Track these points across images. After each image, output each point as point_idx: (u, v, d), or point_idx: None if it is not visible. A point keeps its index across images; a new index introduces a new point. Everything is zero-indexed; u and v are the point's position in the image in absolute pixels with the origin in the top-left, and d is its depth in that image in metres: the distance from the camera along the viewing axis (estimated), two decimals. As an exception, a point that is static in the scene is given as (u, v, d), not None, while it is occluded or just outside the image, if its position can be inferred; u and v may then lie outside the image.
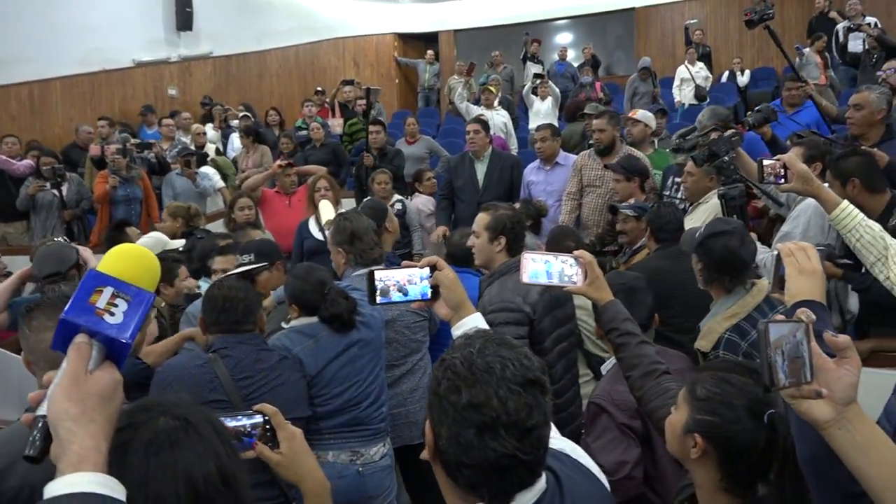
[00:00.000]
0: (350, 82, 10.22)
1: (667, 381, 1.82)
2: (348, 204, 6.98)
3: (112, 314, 0.94)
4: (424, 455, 1.17)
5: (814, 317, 1.11)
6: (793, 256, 1.30)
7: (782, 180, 2.50)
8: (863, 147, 3.70)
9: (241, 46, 13.10)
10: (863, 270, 2.86)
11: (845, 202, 2.42)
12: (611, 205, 4.31)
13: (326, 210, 4.72)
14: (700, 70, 10.32)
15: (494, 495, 1.09)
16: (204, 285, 3.51)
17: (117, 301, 0.95)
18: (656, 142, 5.91)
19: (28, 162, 7.24)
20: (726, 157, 3.37)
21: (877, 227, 2.39)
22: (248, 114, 10.03)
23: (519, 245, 2.86)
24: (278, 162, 6.13)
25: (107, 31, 10.86)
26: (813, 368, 1.06)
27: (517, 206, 4.58)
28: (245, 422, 1.40)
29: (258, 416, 1.41)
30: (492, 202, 3.08)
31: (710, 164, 3.45)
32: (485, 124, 5.74)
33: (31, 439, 0.90)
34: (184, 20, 11.95)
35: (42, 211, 7.00)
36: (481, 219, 2.92)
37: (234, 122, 10.10)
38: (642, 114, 5.61)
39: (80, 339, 0.93)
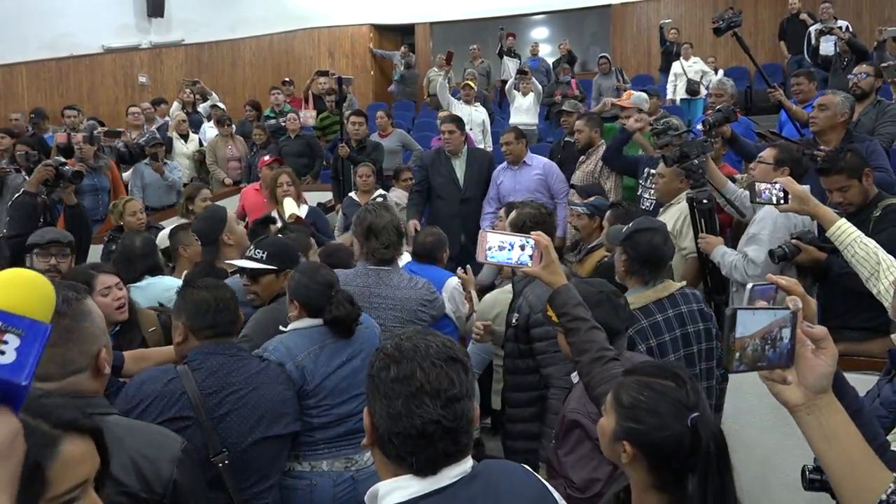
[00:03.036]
0: (325, 73, 10.09)
1: (614, 368, 1.86)
2: (320, 197, 6.96)
3: (2, 353, 0.79)
4: (365, 442, 1.28)
5: (800, 305, 1.15)
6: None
7: (781, 201, 2.65)
8: (822, 149, 3.77)
9: (213, 34, 12.92)
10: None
11: (842, 220, 2.58)
12: (568, 201, 4.39)
13: (290, 206, 4.78)
14: (693, 64, 10.35)
15: (421, 465, 1.20)
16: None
17: (6, 337, 0.80)
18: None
19: None
20: (696, 161, 3.42)
21: (871, 243, 2.52)
22: (219, 105, 9.86)
23: None
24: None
25: (75, 16, 10.64)
26: (793, 355, 1.11)
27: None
28: None
29: None
30: (525, 200, 3.19)
31: (679, 165, 3.50)
32: (460, 122, 5.76)
33: None
34: (155, 6, 11.75)
35: (8, 196, 6.80)
36: (511, 216, 3.05)
37: (202, 108, 9.91)
38: (637, 97, 5.45)
39: None
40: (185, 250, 3.67)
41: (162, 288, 3.35)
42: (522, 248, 1.88)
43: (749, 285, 1.24)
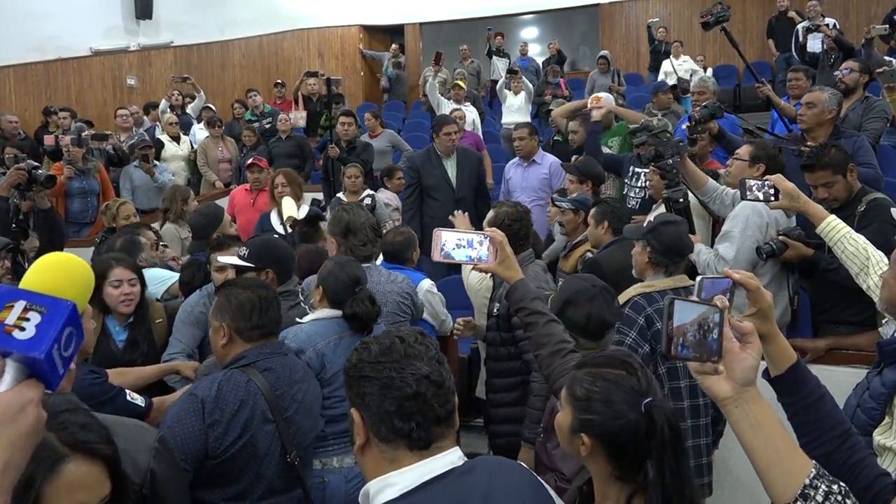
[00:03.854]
0: (314, 74, 10.07)
1: (573, 360, 1.88)
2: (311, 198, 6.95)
3: (22, 329, 0.86)
4: (357, 445, 1.28)
5: (728, 303, 1.19)
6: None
7: (772, 198, 2.68)
8: (809, 144, 3.80)
9: (203, 36, 12.88)
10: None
11: (832, 216, 2.62)
12: (551, 197, 4.43)
13: (289, 206, 4.79)
14: (683, 63, 10.40)
15: (420, 430, 1.23)
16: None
17: (29, 315, 0.87)
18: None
19: None
20: (670, 161, 3.46)
21: (861, 239, 2.55)
22: (211, 105, 9.83)
23: (518, 242, 2.94)
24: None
25: (63, 18, 10.59)
26: (721, 349, 1.16)
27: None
28: None
29: None
30: (504, 200, 3.28)
31: (654, 164, 3.56)
32: (461, 124, 5.82)
33: None
34: (143, 8, 11.71)
35: (-3, 199, 6.77)
36: (489, 215, 3.16)
37: (190, 109, 9.87)
38: (607, 97, 5.68)
39: None
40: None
41: (151, 278, 3.42)
42: (480, 244, 1.89)
43: (698, 278, 1.27)
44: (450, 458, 1.26)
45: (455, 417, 1.30)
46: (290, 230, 4.67)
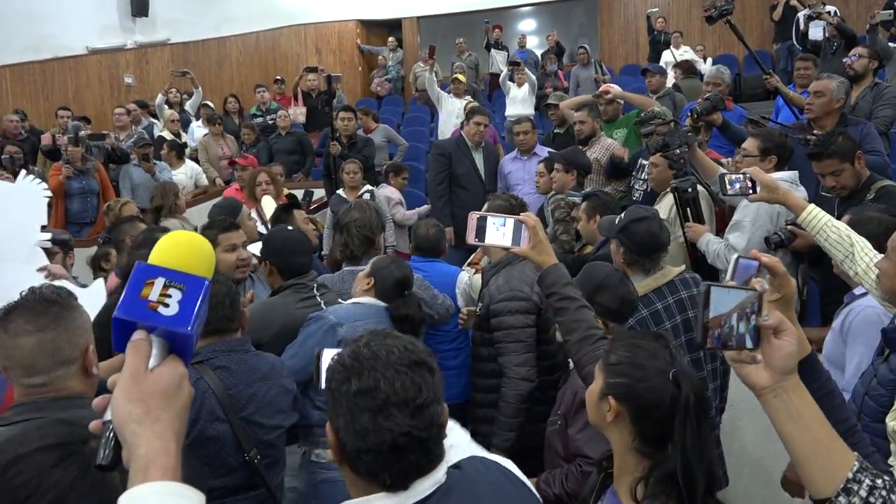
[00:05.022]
0: (314, 69, 10.03)
1: (603, 347, 1.87)
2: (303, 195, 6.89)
3: (167, 305, 0.87)
4: (330, 459, 1.21)
5: (767, 287, 1.15)
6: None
7: (750, 191, 2.62)
8: (816, 133, 3.76)
9: (199, 33, 12.83)
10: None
11: (811, 206, 2.56)
12: (565, 193, 4.40)
13: (269, 205, 4.75)
14: (683, 53, 10.36)
15: (394, 480, 1.14)
16: None
17: (171, 291, 0.88)
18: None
19: None
20: (678, 150, 3.43)
21: (842, 226, 2.52)
22: (209, 102, 9.79)
23: None
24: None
25: (58, 17, 10.54)
26: (760, 337, 1.10)
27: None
28: None
29: None
30: (499, 193, 3.24)
31: (661, 154, 3.52)
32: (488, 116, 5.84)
33: (101, 447, 0.86)
34: (139, 6, 11.66)
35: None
36: (484, 208, 3.08)
37: (188, 106, 9.83)
38: (615, 87, 5.65)
39: (138, 336, 0.88)
40: (130, 240, 3.71)
41: None
42: (512, 228, 1.89)
43: (734, 256, 1.23)
44: (435, 477, 1.18)
45: (441, 456, 1.21)
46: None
